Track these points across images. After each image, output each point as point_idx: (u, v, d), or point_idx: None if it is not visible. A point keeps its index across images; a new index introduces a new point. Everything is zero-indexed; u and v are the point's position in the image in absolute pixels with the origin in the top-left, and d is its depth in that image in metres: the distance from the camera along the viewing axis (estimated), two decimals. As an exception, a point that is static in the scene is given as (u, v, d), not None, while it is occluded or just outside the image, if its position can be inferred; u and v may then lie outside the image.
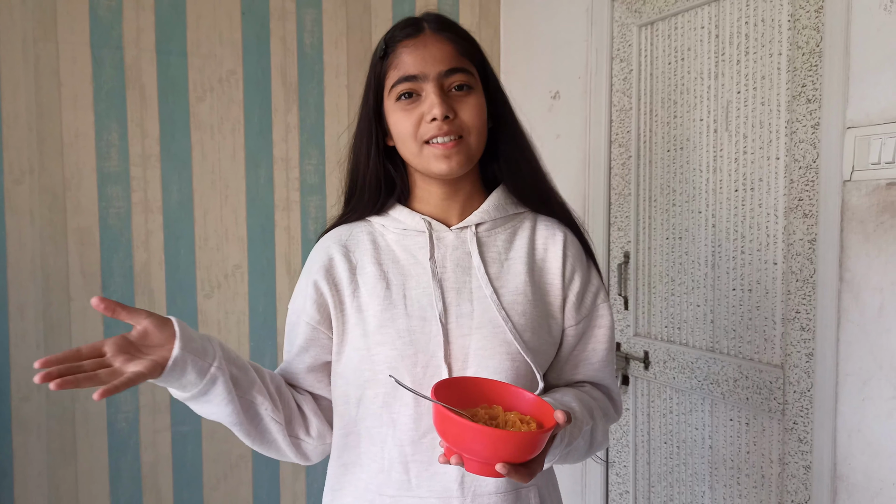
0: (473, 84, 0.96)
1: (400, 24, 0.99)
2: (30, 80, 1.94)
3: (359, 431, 0.99)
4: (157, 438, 2.11)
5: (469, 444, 0.77)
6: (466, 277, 0.99)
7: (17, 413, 1.96)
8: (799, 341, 1.47)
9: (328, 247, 1.02)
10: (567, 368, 1.06)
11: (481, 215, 1.01)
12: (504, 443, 0.76)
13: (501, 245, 1.02)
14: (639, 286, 1.92)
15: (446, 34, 0.96)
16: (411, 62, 0.94)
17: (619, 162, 1.97)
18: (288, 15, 2.21)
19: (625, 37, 1.92)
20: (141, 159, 2.06)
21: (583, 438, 0.95)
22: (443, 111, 0.92)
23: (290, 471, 2.27)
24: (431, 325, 0.95)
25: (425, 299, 0.96)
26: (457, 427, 0.77)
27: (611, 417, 1.08)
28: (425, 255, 0.99)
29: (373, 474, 0.98)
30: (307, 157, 2.26)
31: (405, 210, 1.02)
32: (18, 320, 1.95)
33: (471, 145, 0.96)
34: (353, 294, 0.98)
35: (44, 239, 1.97)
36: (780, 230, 1.52)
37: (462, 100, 0.95)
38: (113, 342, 0.79)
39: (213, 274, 2.16)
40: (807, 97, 1.44)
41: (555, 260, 1.03)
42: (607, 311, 1.06)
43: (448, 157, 0.95)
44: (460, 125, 0.95)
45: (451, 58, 0.95)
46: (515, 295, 0.99)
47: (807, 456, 1.46)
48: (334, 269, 1.00)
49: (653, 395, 1.89)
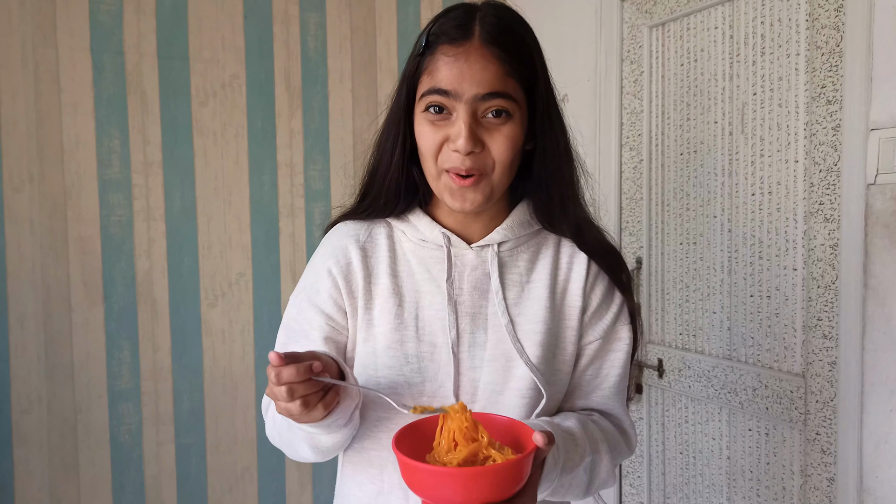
0: (512, 111, 0.84)
1: (450, 17, 0.86)
2: (29, 87, 1.90)
3: (360, 449, 0.94)
4: (161, 451, 2.07)
5: (439, 491, 0.68)
6: (483, 302, 0.92)
7: (17, 426, 1.92)
8: (821, 349, 1.43)
9: (345, 247, 0.94)
10: (578, 392, 0.98)
11: (504, 233, 0.93)
12: (476, 482, 0.66)
13: (524, 266, 0.95)
14: (652, 293, 1.88)
15: (495, 49, 0.83)
16: (448, 75, 0.83)
17: (630, 166, 1.93)
18: (291, 19, 2.18)
19: (635, 38, 1.89)
20: (143, 166, 2.02)
21: (584, 471, 0.88)
22: (468, 146, 0.82)
23: (296, 483, 2.23)
24: (442, 352, 0.89)
25: (437, 323, 0.90)
26: (421, 475, 0.68)
27: (621, 452, 0.97)
28: (441, 272, 0.92)
29: (372, 496, 0.93)
30: (312, 162, 2.22)
31: (425, 218, 0.94)
32: (19, 331, 1.91)
33: (493, 182, 0.87)
34: (367, 306, 0.92)
35: (44, 248, 1.93)
36: (799, 235, 1.48)
37: (495, 129, 0.84)
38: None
39: (217, 282, 2.12)
40: (827, 98, 1.40)
41: (578, 279, 0.95)
42: (627, 335, 0.97)
43: (464, 196, 0.86)
44: (484, 161, 0.85)
45: (493, 80, 0.82)
46: (534, 324, 0.91)
47: (830, 468, 1.41)
48: (351, 275, 0.93)
49: (667, 404, 1.84)
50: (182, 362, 2.08)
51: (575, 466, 0.85)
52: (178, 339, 2.08)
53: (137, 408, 2.04)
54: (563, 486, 0.87)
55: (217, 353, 2.12)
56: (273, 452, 2.20)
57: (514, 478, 0.69)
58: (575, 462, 0.85)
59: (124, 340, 2.02)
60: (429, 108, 0.85)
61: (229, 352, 2.13)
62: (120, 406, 2.02)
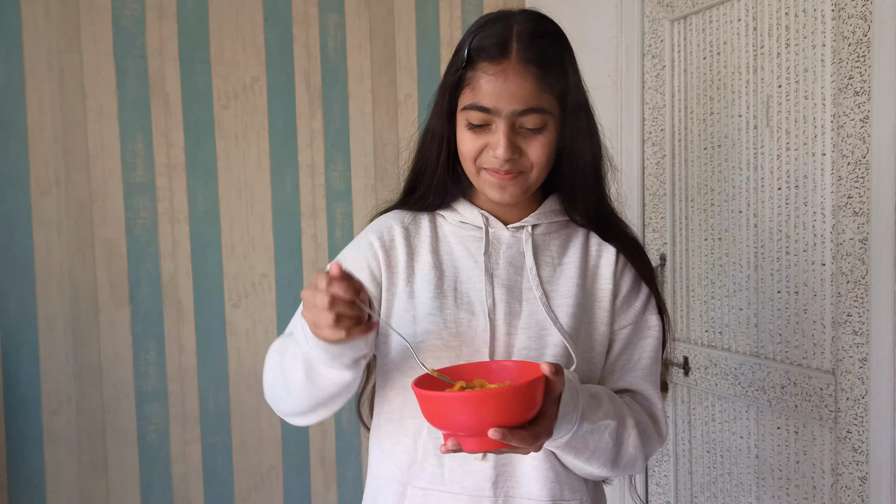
0: (547, 122, 0.92)
1: (489, 33, 0.92)
2: (55, 92, 1.93)
3: (399, 420, 0.98)
4: (188, 450, 2.09)
5: (454, 418, 0.74)
6: (518, 277, 0.98)
7: (47, 426, 1.95)
8: (851, 346, 1.40)
9: (391, 226, 1.02)
10: (612, 377, 1.03)
11: (538, 217, 1.01)
12: (485, 403, 0.72)
13: (555, 250, 1.01)
14: (676, 289, 1.86)
15: (532, 67, 0.89)
16: (488, 92, 0.89)
17: (652, 161, 1.91)
18: (311, 20, 2.18)
19: (656, 32, 1.86)
20: (166, 169, 2.04)
21: (609, 436, 0.91)
22: (507, 155, 0.90)
23: (321, 481, 2.24)
24: (479, 319, 0.95)
25: (475, 294, 0.97)
26: (436, 404, 0.74)
27: (650, 436, 1.00)
28: (479, 248, 0.99)
29: (404, 466, 0.97)
30: (333, 163, 2.23)
31: (466, 203, 1.02)
32: (48, 333, 1.94)
33: (529, 179, 0.95)
34: (408, 280, 0.99)
35: (71, 251, 1.96)
36: (827, 229, 1.45)
37: (531, 137, 0.92)
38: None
39: (241, 283, 2.13)
40: (854, 90, 1.37)
41: (608, 265, 1.01)
42: (657, 323, 1.03)
43: (503, 188, 0.94)
44: (522, 164, 0.93)
45: (529, 96, 0.89)
46: (566, 298, 0.98)
47: (862, 466, 1.38)
48: (394, 249, 1.00)
49: (693, 402, 1.82)
50: (207, 362, 2.10)
51: (598, 420, 0.89)
52: (203, 340, 2.10)
53: (164, 408, 2.07)
54: (587, 445, 0.89)
55: (241, 353, 2.14)
56: (298, 452, 2.21)
57: (522, 401, 0.73)
58: (598, 416, 0.89)
59: (150, 341, 2.04)
60: (470, 121, 0.92)
61: (253, 352, 2.15)
62: (147, 406, 2.04)
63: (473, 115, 0.91)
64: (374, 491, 1.03)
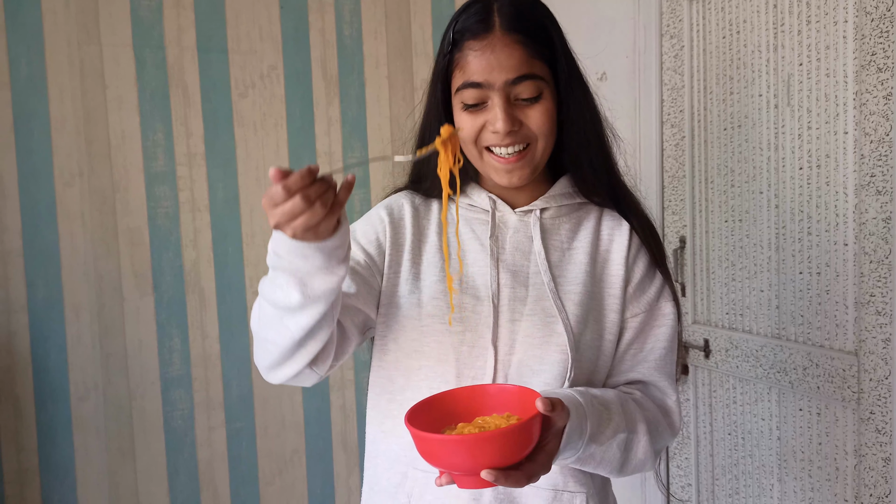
0: (542, 89, 0.90)
1: (470, 13, 0.91)
2: (76, 84, 1.95)
3: (401, 400, 0.96)
4: (213, 435, 2.13)
5: (448, 458, 0.73)
6: (525, 262, 0.96)
7: (76, 413, 1.99)
8: (874, 326, 1.38)
9: (402, 204, 1.01)
10: (623, 367, 0.99)
11: (547, 201, 0.98)
12: (477, 447, 0.71)
13: (565, 234, 0.99)
14: (696, 272, 1.84)
15: (517, 35, 0.88)
16: (477, 68, 0.88)
17: (671, 143, 1.89)
18: (326, 7, 2.19)
19: (675, 12, 1.84)
20: (186, 158, 2.07)
21: (618, 447, 0.88)
22: (507, 127, 0.88)
23: (343, 465, 2.27)
24: (483, 304, 0.94)
25: (480, 279, 0.95)
26: (430, 444, 0.73)
27: (662, 434, 0.96)
28: (486, 232, 0.97)
29: (407, 447, 0.95)
30: (350, 150, 2.23)
31: (475, 186, 1.00)
32: (74, 322, 1.98)
33: (536, 155, 0.92)
34: (414, 261, 0.97)
35: (95, 241, 1.99)
36: (850, 209, 1.43)
37: (528, 107, 0.90)
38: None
39: (261, 271, 2.15)
40: (877, 66, 1.35)
41: (619, 249, 0.98)
42: (671, 311, 0.99)
43: (510, 171, 0.92)
44: (526, 134, 0.91)
45: (519, 64, 0.88)
46: (574, 285, 0.95)
47: (886, 447, 1.37)
48: (402, 228, 0.99)
49: (714, 385, 1.81)
50: (230, 349, 2.13)
51: (606, 439, 0.86)
52: (225, 327, 2.12)
53: (189, 394, 2.10)
54: (594, 458, 0.87)
55: (263, 339, 2.16)
56: (320, 436, 2.24)
57: (517, 442, 0.73)
58: (606, 435, 0.86)
59: (174, 329, 2.07)
60: (465, 101, 0.90)
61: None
62: (172, 392, 2.08)
63: (467, 94, 0.89)
64: (373, 473, 1.01)
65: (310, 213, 0.69)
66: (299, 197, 0.67)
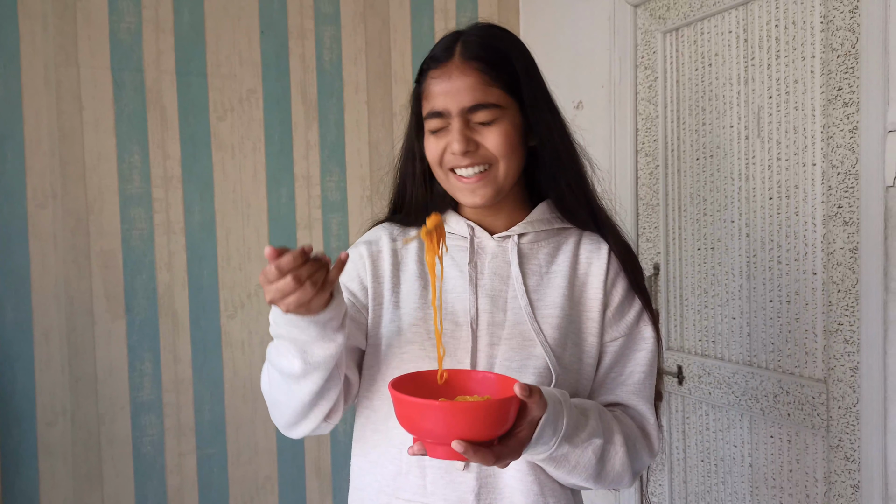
0: (499, 116, 0.93)
1: (439, 45, 0.97)
2: (52, 105, 1.94)
3: (385, 430, 0.98)
4: (183, 462, 2.09)
5: (422, 423, 0.76)
6: (504, 287, 0.98)
7: (42, 438, 1.95)
8: (843, 354, 1.41)
9: (379, 237, 1.04)
10: (602, 390, 1.01)
11: (525, 226, 1.00)
12: (453, 414, 0.74)
13: (543, 258, 1.00)
14: (670, 298, 1.87)
15: (474, 62, 0.92)
16: (438, 96, 0.93)
17: (646, 171, 1.92)
18: (307, 33, 2.20)
19: (649, 44, 1.88)
20: (163, 181, 2.05)
21: (593, 453, 0.89)
22: (462, 148, 0.92)
23: (316, 493, 2.24)
24: (462, 330, 0.95)
25: (459, 304, 0.97)
26: (408, 407, 0.76)
27: (640, 451, 0.97)
28: (465, 258, 1.00)
29: (389, 477, 0.97)
30: (328, 174, 2.24)
31: (454, 214, 1.03)
32: (43, 345, 1.94)
33: (498, 175, 0.95)
34: (394, 290, 1.00)
35: (67, 262, 1.96)
36: (818, 239, 1.47)
37: (485, 129, 0.93)
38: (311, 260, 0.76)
39: (237, 294, 2.14)
40: (843, 101, 1.39)
41: (598, 273, 1.00)
42: (651, 335, 1.01)
43: (473, 191, 0.95)
44: (484, 155, 0.94)
45: (475, 91, 0.92)
46: (552, 308, 0.97)
47: (854, 475, 1.39)
48: (381, 260, 1.02)
49: (688, 411, 1.83)
50: (203, 373, 2.10)
51: (581, 442, 0.87)
52: (198, 351, 2.10)
53: (160, 419, 2.06)
54: (567, 460, 0.89)
55: (237, 364, 2.14)
56: (293, 463, 2.21)
57: (491, 418, 0.75)
58: (581, 438, 0.87)
59: (146, 352, 2.04)
60: (430, 129, 0.96)
61: (249, 363, 2.15)
62: (142, 417, 2.04)
63: (432, 122, 0.94)
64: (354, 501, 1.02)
65: (301, 292, 0.74)
66: (290, 277, 0.73)
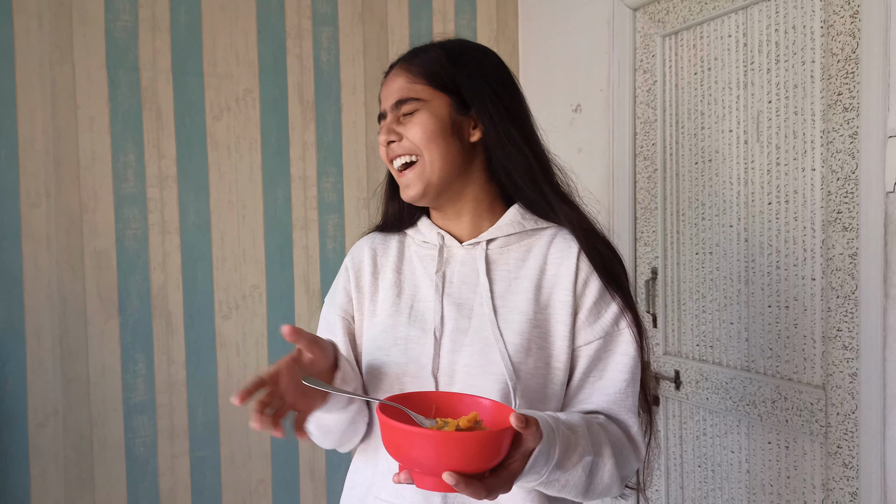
0: (419, 108, 0.97)
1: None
2: (46, 104, 1.92)
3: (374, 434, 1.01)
4: (176, 464, 2.07)
5: (411, 452, 0.71)
6: (471, 294, 0.98)
7: (33, 440, 1.93)
8: (841, 360, 1.40)
9: (362, 248, 1.08)
10: (581, 396, 0.97)
11: (493, 231, 1.01)
12: (446, 446, 0.69)
13: (513, 263, 1.00)
14: (668, 303, 1.86)
15: (405, 64, 1.00)
16: (381, 100, 1.01)
17: (644, 175, 1.92)
18: (304, 33, 2.19)
19: (648, 47, 1.88)
20: (158, 180, 2.04)
21: (583, 470, 0.86)
22: (385, 137, 0.98)
23: (310, 496, 2.22)
24: (428, 336, 0.96)
25: (429, 312, 0.98)
26: (397, 434, 0.71)
27: (627, 459, 0.95)
28: (434, 268, 1.01)
29: (370, 477, 1.00)
30: (325, 175, 2.22)
31: (427, 222, 1.05)
32: (35, 346, 1.92)
33: (426, 168, 0.97)
34: (372, 298, 1.03)
35: (60, 263, 1.94)
36: (817, 244, 1.46)
37: (407, 121, 0.97)
38: (287, 371, 0.83)
39: (231, 295, 2.12)
40: (843, 105, 1.39)
41: (567, 275, 0.97)
42: (630, 338, 0.96)
43: (406, 186, 0.99)
44: (406, 146, 0.97)
45: (400, 89, 0.98)
46: (515, 314, 0.96)
47: (853, 482, 1.38)
48: (362, 271, 1.05)
49: (685, 416, 1.82)
50: (197, 375, 2.09)
51: (572, 465, 0.85)
52: (192, 352, 2.08)
53: (152, 420, 2.05)
54: (558, 482, 0.86)
55: (231, 365, 2.13)
56: (287, 465, 2.19)
57: (485, 450, 0.71)
58: (572, 461, 0.84)
59: (139, 353, 2.03)
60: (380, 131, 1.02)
61: (244, 364, 2.14)
62: (135, 419, 2.02)
63: (381, 124, 1.01)
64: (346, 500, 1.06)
65: (281, 416, 0.87)
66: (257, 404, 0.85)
